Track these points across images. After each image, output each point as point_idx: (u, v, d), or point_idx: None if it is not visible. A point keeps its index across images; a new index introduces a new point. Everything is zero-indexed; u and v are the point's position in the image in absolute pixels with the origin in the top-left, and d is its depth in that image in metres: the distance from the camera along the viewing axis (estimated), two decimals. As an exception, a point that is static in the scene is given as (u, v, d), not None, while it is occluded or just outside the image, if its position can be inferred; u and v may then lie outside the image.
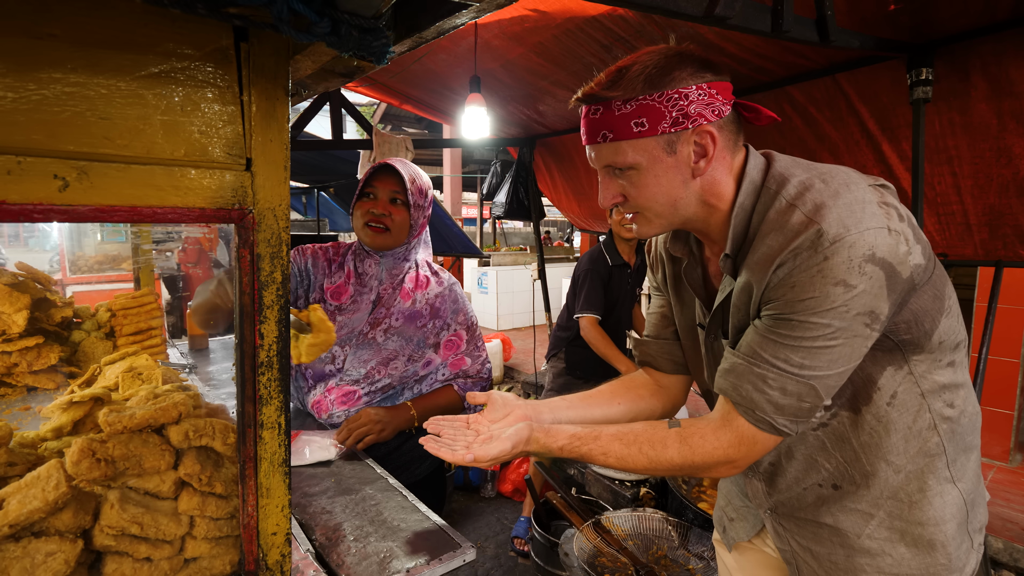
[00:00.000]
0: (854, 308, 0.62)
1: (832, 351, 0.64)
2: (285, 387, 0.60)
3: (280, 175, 0.57)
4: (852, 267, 0.60)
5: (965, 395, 0.74)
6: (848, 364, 0.65)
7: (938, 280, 0.69)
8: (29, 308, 1.18)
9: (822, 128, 1.96)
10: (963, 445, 0.75)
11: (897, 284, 0.63)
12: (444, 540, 0.80)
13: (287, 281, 0.58)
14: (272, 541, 0.61)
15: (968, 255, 1.93)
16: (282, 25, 0.44)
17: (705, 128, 0.67)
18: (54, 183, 0.47)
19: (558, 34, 1.97)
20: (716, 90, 0.68)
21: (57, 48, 0.46)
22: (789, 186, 0.66)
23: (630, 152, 0.69)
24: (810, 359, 0.64)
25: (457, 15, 0.57)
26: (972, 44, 1.48)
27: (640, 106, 0.67)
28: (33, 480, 0.52)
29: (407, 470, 1.30)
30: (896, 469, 0.72)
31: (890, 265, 0.62)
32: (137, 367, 0.95)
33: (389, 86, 2.86)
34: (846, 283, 0.60)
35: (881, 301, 0.63)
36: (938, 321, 0.69)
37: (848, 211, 0.61)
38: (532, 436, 0.72)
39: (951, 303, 0.71)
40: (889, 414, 0.71)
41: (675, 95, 0.66)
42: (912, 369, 0.70)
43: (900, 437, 0.71)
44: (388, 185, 1.24)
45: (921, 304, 0.67)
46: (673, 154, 0.68)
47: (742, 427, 0.69)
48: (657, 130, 0.67)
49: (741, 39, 1.73)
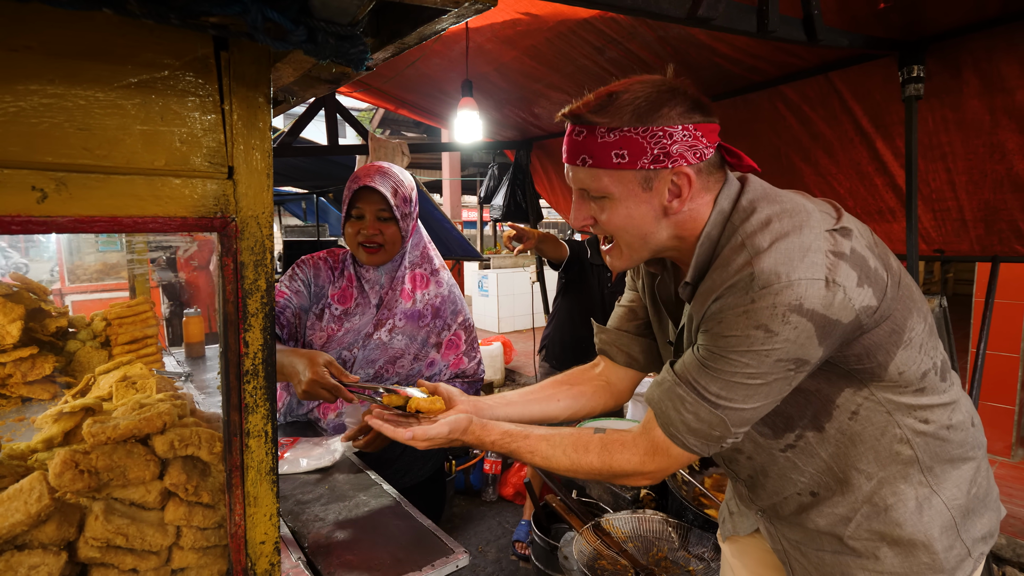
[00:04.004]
0: (775, 355, 0.62)
1: (748, 388, 0.64)
2: (271, 395, 0.59)
3: (263, 183, 0.57)
4: (775, 315, 0.61)
5: (949, 413, 0.73)
6: (766, 400, 0.66)
7: (898, 315, 0.67)
8: (23, 319, 1.18)
9: (816, 127, 1.96)
10: (947, 457, 0.74)
11: (832, 331, 0.63)
12: (438, 546, 0.80)
13: (271, 289, 0.58)
14: (260, 550, 0.61)
15: (965, 251, 1.93)
16: (257, 34, 0.44)
17: (683, 170, 0.67)
18: (32, 195, 0.47)
19: (551, 37, 1.97)
20: (702, 132, 0.67)
21: (33, 60, 0.46)
22: (749, 222, 0.66)
23: (606, 180, 0.69)
24: (727, 391, 0.65)
25: (437, 21, 0.57)
26: (963, 41, 1.48)
27: (623, 138, 0.67)
28: (15, 493, 0.52)
29: (408, 472, 1.31)
30: (868, 476, 0.73)
31: (821, 316, 0.61)
32: (131, 376, 0.95)
33: (384, 91, 2.87)
34: (767, 328, 0.61)
35: (809, 349, 0.63)
36: (893, 354, 0.68)
37: (786, 258, 0.61)
38: (469, 428, 0.77)
39: (913, 335, 0.69)
40: (853, 427, 0.71)
41: (659, 132, 0.66)
42: (873, 392, 0.70)
43: (867, 448, 0.72)
44: (373, 205, 1.25)
45: (874, 339, 0.66)
46: (648, 190, 0.69)
47: (658, 438, 0.71)
48: (636, 164, 0.67)
49: (733, 39, 1.73)
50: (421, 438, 0.75)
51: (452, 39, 2.18)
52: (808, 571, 0.78)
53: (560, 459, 0.74)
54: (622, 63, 2.02)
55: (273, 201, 0.60)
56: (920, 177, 1.73)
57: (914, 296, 0.71)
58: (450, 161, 8.04)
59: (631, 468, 0.72)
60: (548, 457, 0.75)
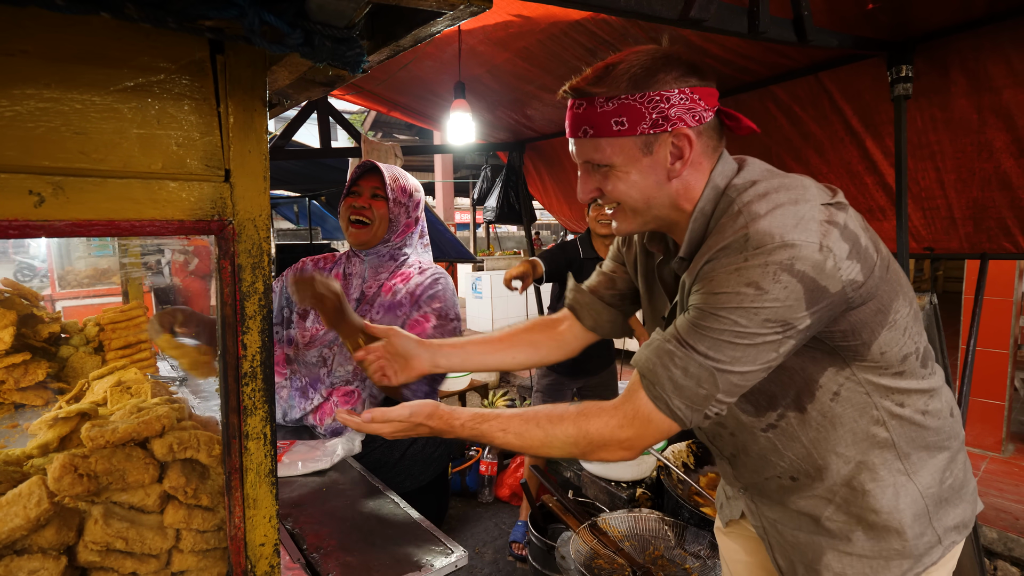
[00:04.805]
0: (763, 313, 0.62)
1: (737, 348, 0.63)
2: (270, 397, 0.60)
3: (259, 185, 0.57)
4: (767, 273, 0.61)
5: (926, 400, 0.75)
6: (753, 366, 0.65)
7: (885, 295, 0.69)
8: (15, 324, 1.17)
9: (807, 126, 1.98)
10: (923, 443, 0.75)
11: (821, 298, 0.63)
12: (437, 547, 0.80)
13: (269, 291, 0.58)
14: (260, 552, 0.61)
15: (954, 248, 1.95)
16: (254, 37, 0.44)
17: (683, 131, 0.68)
18: (29, 199, 0.46)
19: (543, 39, 1.98)
20: (699, 95, 0.68)
21: (30, 64, 0.46)
22: (747, 192, 0.67)
23: (608, 149, 0.70)
24: (714, 350, 0.64)
25: (432, 23, 0.58)
26: (950, 41, 1.50)
27: (621, 105, 0.68)
28: (14, 498, 0.52)
29: (409, 477, 1.31)
30: (845, 460, 0.74)
31: (811, 279, 0.62)
32: (126, 381, 0.95)
33: (376, 93, 2.87)
34: (758, 285, 0.61)
35: (797, 312, 0.63)
36: (877, 333, 0.69)
37: (781, 222, 0.62)
38: (436, 412, 0.76)
39: (898, 317, 0.70)
40: (834, 409, 0.72)
41: (656, 97, 0.67)
42: (855, 372, 0.71)
43: (847, 430, 0.73)
44: (370, 182, 1.31)
45: (860, 317, 0.67)
46: (650, 155, 0.69)
47: (640, 401, 0.68)
48: (636, 130, 0.68)
49: (724, 40, 1.75)
50: (380, 419, 0.74)
51: (444, 41, 2.19)
52: (784, 550, 0.81)
53: (534, 432, 0.72)
54: (615, 64, 2.03)
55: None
56: (909, 176, 1.76)
57: (901, 281, 0.72)
58: (443, 163, 8.04)
59: (607, 433, 0.69)
60: (521, 433, 0.72)
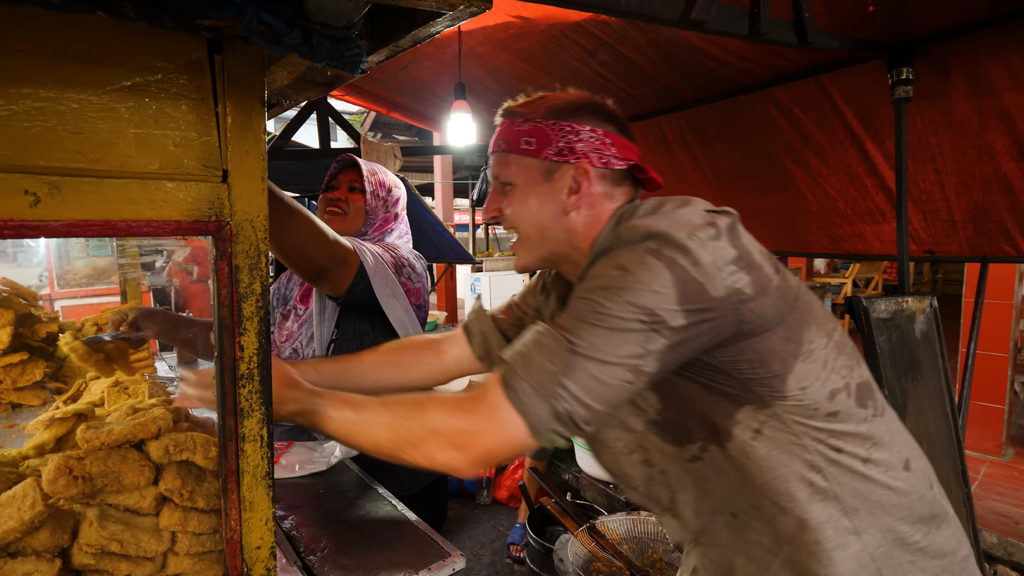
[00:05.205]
0: (626, 294, 0.57)
1: (597, 331, 0.57)
2: (267, 399, 0.59)
3: (257, 186, 0.57)
4: (633, 256, 0.60)
5: (868, 448, 0.66)
6: (613, 357, 0.57)
7: (793, 323, 0.64)
8: (13, 324, 1.17)
9: (807, 128, 1.98)
10: (876, 500, 0.65)
11: (697, 296, 0.58)
12: (434, 549, 0.80)
13: (267, 293, 0.58)
14: (256, 555, 0.60)
15: (954, 251, 1.95)
16: (252, 37, 0.44)
17: (584, 166, 0.70)
18: (25, 199, 0.46)
19: (543, 40, 1.98)
20: (612, 141, 0.71)
21: (26, 63, 0.45)
22: (637, 211, 0.67)
23: (514, 167, 0.72)
24: (574, 330, 0.59)
25: (432, 24, 0.57)
26: (951, 43, 1.50)
27: (534, 127, 0.71)
28: (8, 499, 0.51)
29: (409, 479, 1.30)
30: (783, 511, 0.66)
31: (683, 269, 0.58)
32: (123, 381, 0.94)
33: (376, 94, 2.87)
34: (623, 267, 0.59)
35: (665, 302, 0.57)
36: (791, 364, 0.63)
37: (655, 221, 0.62)
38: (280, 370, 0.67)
39: (813, 348, 0.64)
40: (757, 449, 0.65)
41: (567, 127, 0.70)
42: (778, 412, 0.64)
43: (776, 476, 0.65)
44: (348, 176, 1.32)
45: (768, 345, 0.62)
46: (550, 181, 0.71)
47: (491, 386, 0.59)
48: (542, 153, 0.70)
49: (724, 42, 1.75)
50: (190, 382, 0.66)
51: (444, 42, 2.19)
52: None
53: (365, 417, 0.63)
54: (614, 66, 2.03)
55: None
56: (910, 178, 1.76)
57: (814, 312, 0.67)
58: (442, 164, 8.04)
59: (440, 421, 0.59)
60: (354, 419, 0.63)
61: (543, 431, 0.58)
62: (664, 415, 0.69)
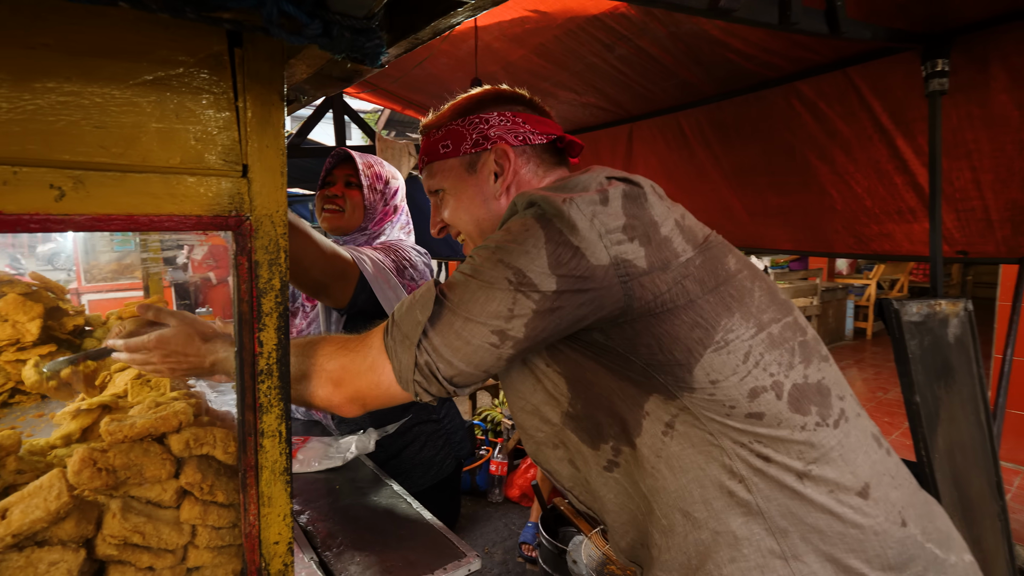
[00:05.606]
0: (499, 253, 0.57)
1: (468, 285, 0.58)
2: (286, 395, 0.59)
3: (277, 181, 0.57)
4: (517, 220, 0.60)
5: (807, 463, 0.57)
6: (479, 317, 0.56)
7: (707, 309, 0.58)
8: (42, 317, 1.20)
9: (833, 124, 1.92)
10: (811, 524, 0.56)
11: (569, 262, 0.55)
12: (450, 549, 0.79)
13: (286, 288, 0.58)
14: (274, 550, 0.60)
15: (990, 252, 1.87)
16: (273, 28, 0.43)
17: (502, 147, 0.71)
18: (50, 193, 0.46)
19: (559, 34, 1.96)
20: (524, 119, 0.72)
21: (51, 58, 0.46)
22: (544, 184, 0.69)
23: (439, 175, 0.74)
24: (449, 284, 0.60)
25: (452, 15, 0.56)
26: (990, 33, 1.43)
27: (447, 131, 0.73)
28: (35, 490, 0.52)
29: (422, 474, 1.30)
30: (696, 524, 0.58)
31: (556, 231, 0.56)
32: (145, 374, 0.96)
33: (391, 91, 2.87)
34: (507, 229, 0.60)
35: (535, 263, 0.55)
36: (699, 353, 0.57)
37: (548, 188, 0.62)
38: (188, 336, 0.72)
39: (731, 337, 0.58)
40: (669, 447, 0.59)
41: (476, 119, 0.72)
42: (688, 405, 0.58)
43: (691, 480, 0.58)
44: (344, 171, 1.31)
45: (668, 329, 0.57)
46: (474, 174, 0.72)
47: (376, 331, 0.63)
48: (459, 151, 0.72)
49: (747, 34, 1.70)
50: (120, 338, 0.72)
51: (460, 38, 2.17)
52: None
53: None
54: (632, 60, 2.00)
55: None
56: (943, 176, 1.69)
57: (747, 299, 0.60)
58: (460, 161, 8.02)
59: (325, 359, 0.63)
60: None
61: (407, 380, 0.59)
62: (575, 406, 0.65)
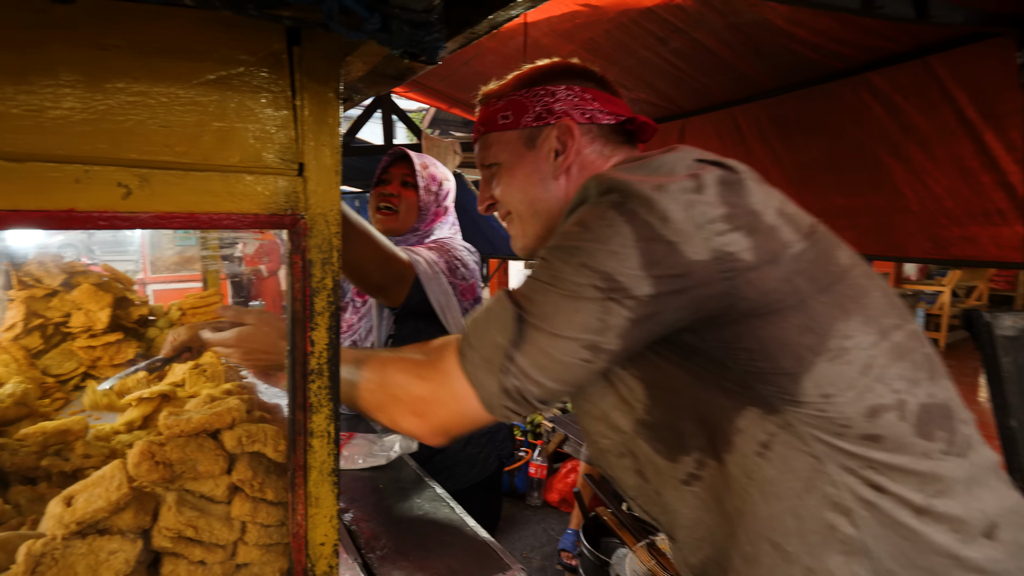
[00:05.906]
0: (580, 255, 0.50)
1: (549, 296, 0.51)
2: (335, 395, 0.59)
3: (331, 180, 0.56)
4: (593, 211, 0.51)
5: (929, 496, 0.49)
6: (565, 331, 0.49)
7: (822, 310, 0.50)
8: (112, 306, 1.28)
9: (909, 117, 1.76)
10: (927, 565, 0.48)
11: (669, 259, 0.48)
12: (493, 559, 0.77)
13: (337, 288, 0.57)
14: (320, 551, 0.60)
15: (1092, 259, 1.67)
16: (332, 23, 0.42)
17: (566, 123, 0.65)
18: (118, 191, 0.47)
19: (610, 28, 1.90)
20: (592, 96, 0.67)
21: (120, 58, 0.46)
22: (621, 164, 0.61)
23: (495, 146, 0.69)
24: (526, 294, 0.53)
25: (510, 7, 0.54)
26: (1103, 14, 1.27)
27: (509, 101, 0.69)
28: (98, 479, 0.54)
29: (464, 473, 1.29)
30: (787, 559, 0.50)
31: (647, 226, 0.48)
32: (202, 364, 1.00)
33: (438, 90, 2.90)
34: (583, 223, 0.51)
35: (626, 265, 0.48)
36: (808, 362, 0.49)
37: (630, 170, 0.53)
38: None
39: (849, 345, 0.49)
40: (763, 469, 0.51)
41: (541, 91, 0.67)
42: (791, 422, 0.50)
43: (785, 509, 0.50)
44: (400, 170, 1.31)
45: (773, 332, 0.49)
46: (533, 148, 0.67)
47: (448, 352, 0.57)
48: (520, 123, 0.67)
49: (815, 23, 1.59)
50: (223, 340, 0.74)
51: (507, 35, 2.15)
52: None
53: (344, 377, 0.61)
54: (686, 53, 1.91)
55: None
56: (1039, 174, 1.52)
57: (866, 300, 0.52)
58: (500, 159, 8.05)
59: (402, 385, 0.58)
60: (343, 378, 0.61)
61: (495, 406, 0.54)
62: (653, 414, 0.56)
